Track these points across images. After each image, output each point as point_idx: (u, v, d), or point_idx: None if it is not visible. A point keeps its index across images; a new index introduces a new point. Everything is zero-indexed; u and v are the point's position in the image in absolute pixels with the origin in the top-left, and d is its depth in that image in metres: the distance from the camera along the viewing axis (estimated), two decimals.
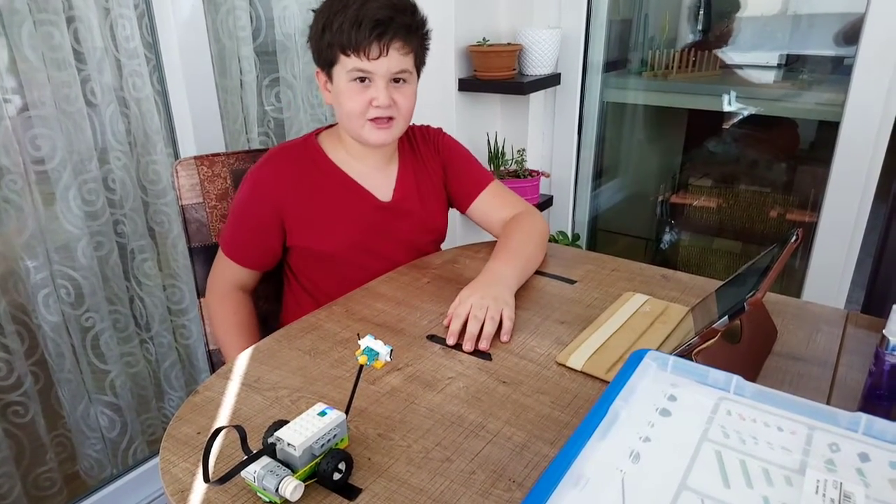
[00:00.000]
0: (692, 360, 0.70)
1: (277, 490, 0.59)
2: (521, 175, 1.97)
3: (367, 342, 0.68)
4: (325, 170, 1.14)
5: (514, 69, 1.85)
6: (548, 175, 2.12)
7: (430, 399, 0.79)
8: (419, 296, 1.05)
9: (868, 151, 1.59)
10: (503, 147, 1.96)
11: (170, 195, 1.54)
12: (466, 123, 1.88)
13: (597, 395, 0.78)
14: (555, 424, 0.74)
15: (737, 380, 0.62)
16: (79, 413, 1.48)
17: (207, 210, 1.22)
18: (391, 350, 0.68)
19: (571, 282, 1.10)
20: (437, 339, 0.92)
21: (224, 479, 0.60)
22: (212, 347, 1.23)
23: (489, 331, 0.91)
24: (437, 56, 1.78)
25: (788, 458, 0.54)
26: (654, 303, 1.00)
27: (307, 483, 0.62)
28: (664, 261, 2.51)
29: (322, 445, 0.64)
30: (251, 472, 0.61)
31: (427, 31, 1.11)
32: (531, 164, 2.08)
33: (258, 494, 0.63)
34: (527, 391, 0.80)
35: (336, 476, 0.63)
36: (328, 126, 1.21)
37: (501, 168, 1.96)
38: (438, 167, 1.23)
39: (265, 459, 0.62)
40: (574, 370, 0.84)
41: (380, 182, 1.17)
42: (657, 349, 0.75)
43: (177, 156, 1.57)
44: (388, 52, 1.03)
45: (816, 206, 1.73)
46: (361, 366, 0.67)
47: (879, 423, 0.56)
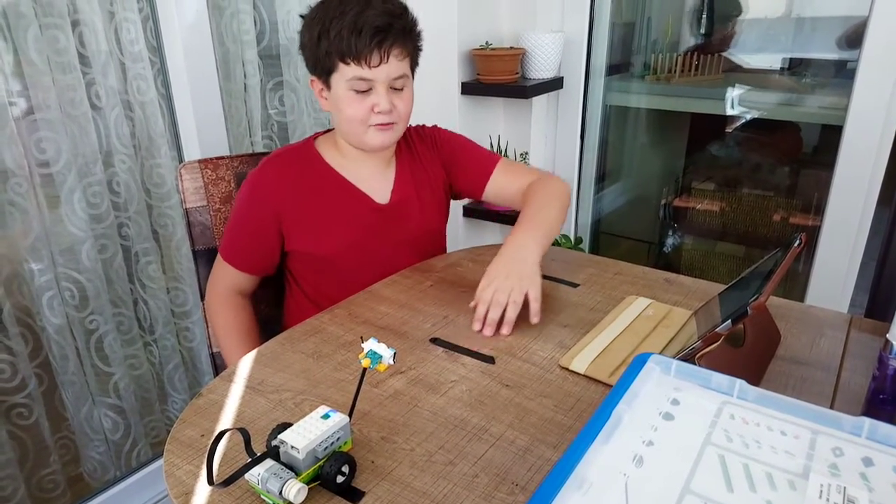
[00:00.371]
0: (695, 364, 0.70)
1: (281, 493, 0.59)
2: None
3: (371, 345, 0.68)
4: (323, 173, 1.15)
5: (517, 73, 1.86)
6: None
7: (434, 402, 0.79)
8: (422, 299, 1.05)
9: (871, 155, 1.58)
10: (506, 150, 1.96)
11: (174, 198, 1.55)
12: (469, 127, 1.88)
13: (600, 399, 0.78)
14: (558, 428, 0.74)
15: (740, 384, 0.62)
16: (82, 415, 1.48)
17: (211, 213, 1.22)
18: (394, 353, 0.68)
19: (574, 285, 1.10)
20: (441, 343, 0.92)
21: (228, 482, 0.60)
22: (215, 350, 1.23)
23: (510, 316, 0.92)
24: (440, 60, 1.79)
25: (792, 463, 0.54)
26: (658, 306, 1.00)
27: (311, 486, 0.63)
28: (667, 264, 2.50)
29: (325, 448, 0.64)
30: (255, 475, 0.61)
31: (420, 32, 1.11)
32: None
33: (262, 497, 0.63)
34: (530, 395, 0.80)
35: (339, 479, 0.64)
36: (326, 130, 1.21)
37: None
38: (438, 165, 1.23)
39: (269, 462, 0.62)
40: (577, 374, 0.84)
41: (378, 185, 1.17)
42: (660, 353, 0.75)
43: (181, 159, 1.58)
44: (389, 59, 1.03)
45: (820, 210, 1.73)
46: (365, 369, 0.68)
47: (883, 428, 0.56)
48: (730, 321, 0.72)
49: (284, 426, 0.66)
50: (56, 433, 1.46)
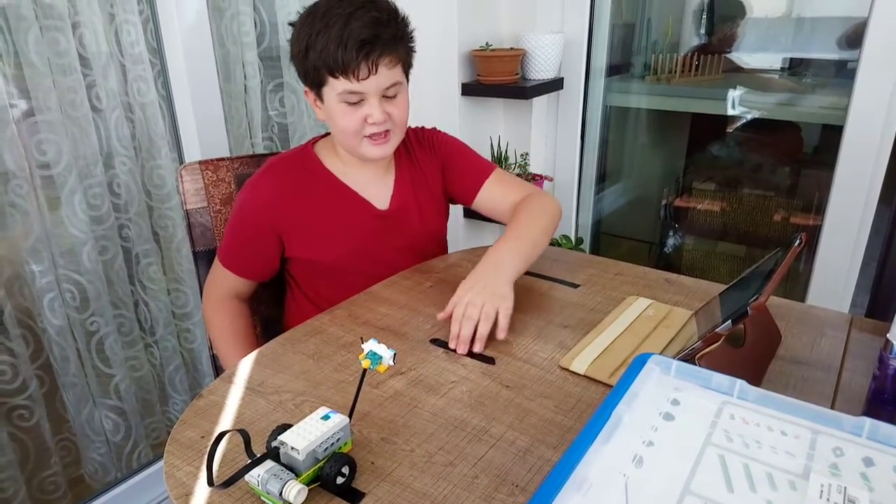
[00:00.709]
0: (695, 365, 0.70)
1: (281, 494, 0.59)
2: (525, 179, 1.98)
3: (371, 346, 0.68)
4: (323, 180, 1.14)
5: (517, 74, 1.86)
6: (551, 179, 2.13)
7: (434, 403, 0.79)
8: (422, 300, 1.05)
9: (872, 155, 1.58)
10: (506, 151, 1.96)
11: (174, 200, 1.55)
12: (469, 128, 1.88)
13: (600, 400, 0.78)
14: (558, 429, 0.74)
15: (740, 384, 0.62)
16: (83, 417, 1.48)
17: (212, 214, 1.22)
18: (394, 354, 0.68)
19: (575, 286, 1.10)
20: (441, 343, 0.92)
21: (228, 483, 0.60)
22: (215, 352, 1.23)
23: (482, 332, 0.90)
24: (441, 61, 1.79)
25: (792, 463, 0.54)
26: (658, 307, 1.00)
27: (311, 487, 0.63)
28: (668, 265, 2.50)
29: (325, 449, 0.64)
30: (255, 476, 0.61)
31: (411, 34, 1.08)
32: (534, 169, 2.08)
33: (262, 498, 0.63)
34: (530, 395, 0.80)
35: (339, 480, 0.64)
36: (325, 134, 1.20)
37: None
38: (436, 169, 1.22)
39: (269, 463, 0.62)
40: (577, 374, 0.84)
41: (377, 190, 1.16)
42: (660, 353, 0.75)
43: (181, 160, 1.58)
44: (378, 70, 1.00)
45: (820, 210, 1.73)
46: (365, 370, 0.68)
47: (884, 428, 0.56)
48: (730, 321, 0.72)
49: (284, 427, 0.66)
50: (57, 435, 1.46)
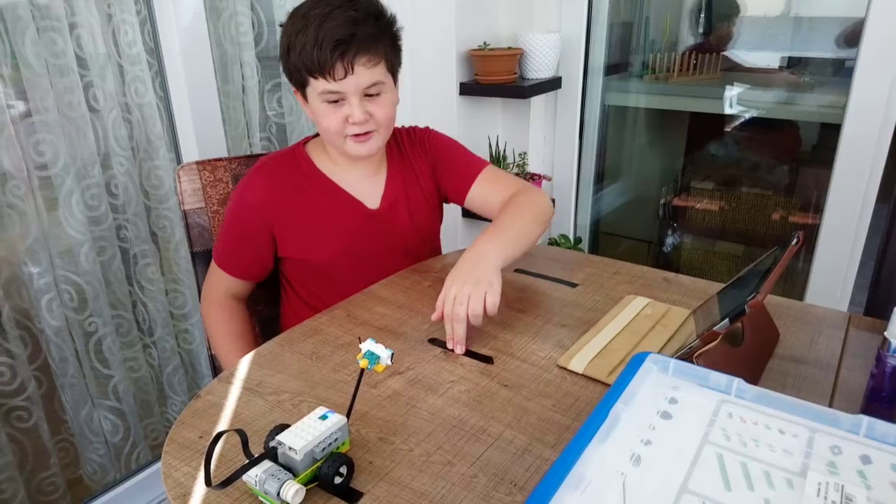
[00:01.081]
0: (693, 363, 0.70)
1: (279, 494, 0.59)
2: (523, 179, 1.98)
3: (369, 346, 0.68)
4: (314, 179, 1.14)
5: (515, 73, 1.86)
6: (550, 178, 2.13)
7: (432, 403, 0.79)
8: (420, 299, 1.05)
9: (870, 153, 1.59)
10: (504, 151, 1.96)
11: (172, 200, 1.55)
12: (468, 127, 1.88)
13: (598, 399, 0.78)
14: (556, 428, 0.74)
15: (738, 382, 0.62)
16: (82, 418, 1.48)
17: (210, 215, 1.22)
18: (392, 354, 0.68)
19: (573, 285, 1.10)
20: (439, 343, 0.92)
21: (226, 483, 0.60)
22: (214, 352, 1.23)
23: (475, 323, 0.90)
24: (438, 60, 1.79)
25: (790, 461, 0.54)
26: (656, 306, 1.00)
27: (308, 487, 0.62)
28: (666, 264, 2.50)
29: (323, 449, 0.64)
30: (253, 476, 0.61)
31: (397, 32, 1.07)
32: (533, 168, 2.08)
33: (260, 498, 0.63)
34: (528, 395, 0.80)
35: (337, 480, 0.63)
36: (316, 134, 1.19)
37: None
38: (427, 167, 1.21)
39: (267, 463, 0.62)
40: (575, 373, 0.84)
41: (368, 190, 1.16)
42: (658, 352, 0.75)
43: (179, 161, 1.58)
44: (354, 70, 0.99)
45: (819, 209, 1.73)
46: (363, 369, 0.68)
47: (881, 426, 0.56)
48: (728, 320, 0.72)
49: (282, 427, 0.66)
50: (55, 436, 1.46)
